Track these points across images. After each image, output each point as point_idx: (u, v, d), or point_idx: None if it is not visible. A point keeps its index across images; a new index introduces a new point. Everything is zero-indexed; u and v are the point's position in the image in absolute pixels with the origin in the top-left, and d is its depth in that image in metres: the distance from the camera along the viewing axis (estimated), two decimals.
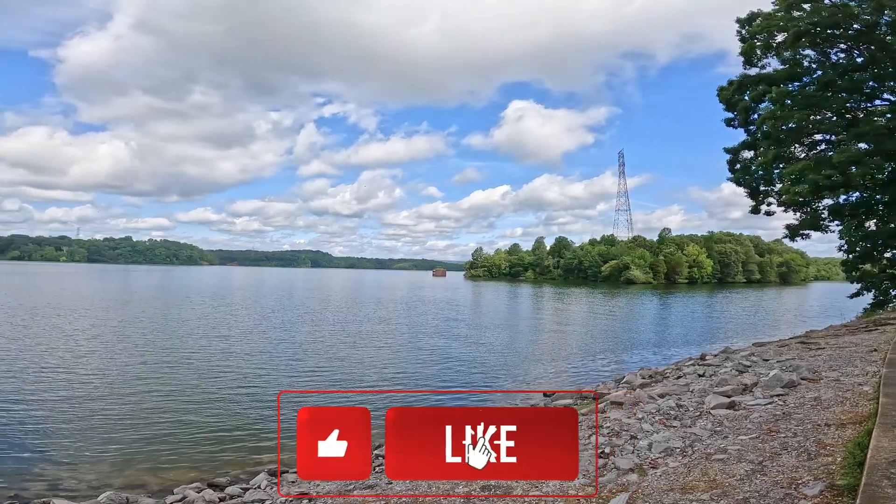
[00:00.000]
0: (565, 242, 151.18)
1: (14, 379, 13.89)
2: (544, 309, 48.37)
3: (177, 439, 9.77)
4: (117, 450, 9.06)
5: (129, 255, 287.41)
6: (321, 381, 15.20)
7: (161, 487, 7.82)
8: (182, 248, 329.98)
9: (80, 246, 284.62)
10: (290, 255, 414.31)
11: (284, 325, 27.88)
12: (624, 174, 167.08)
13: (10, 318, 27.11)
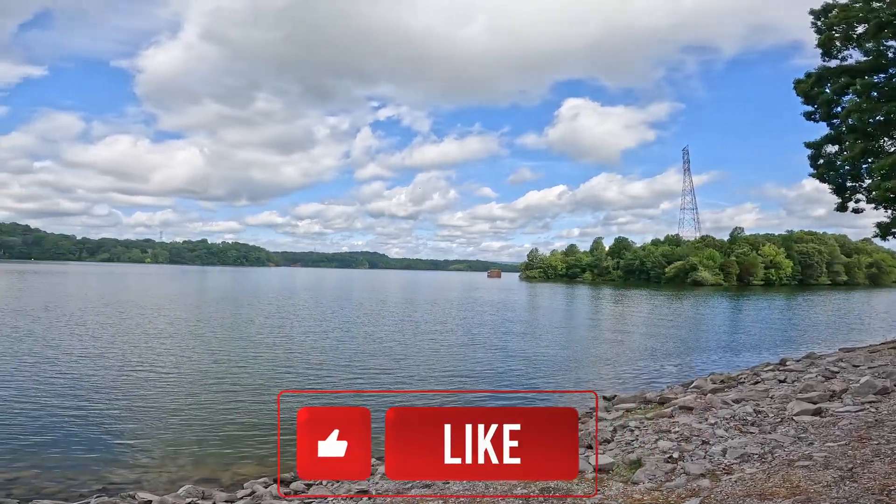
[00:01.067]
0: (625, 243, 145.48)
1: (101, 375, 14.67)
2: (603, 311, 46.83)
3: (246, 434, 10.07)
4: (192, 444, 9.41)
5: (205, 257, 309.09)
6: (380, 382, 15.48)
7: (232, 482, 8.07)
8: (251, 250, 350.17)
9: (162, 248, 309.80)
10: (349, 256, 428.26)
11: (345, 325, 28.62)
12: (689, 171, 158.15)
13: (101, 316, 29.89)
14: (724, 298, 66.29)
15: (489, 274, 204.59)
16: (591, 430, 9.02)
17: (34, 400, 11.55)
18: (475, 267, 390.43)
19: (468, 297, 59.18)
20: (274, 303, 42.75)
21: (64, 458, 8.31)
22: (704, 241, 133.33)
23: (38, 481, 7.53)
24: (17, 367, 14.43)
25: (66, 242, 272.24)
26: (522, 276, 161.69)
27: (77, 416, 10.34)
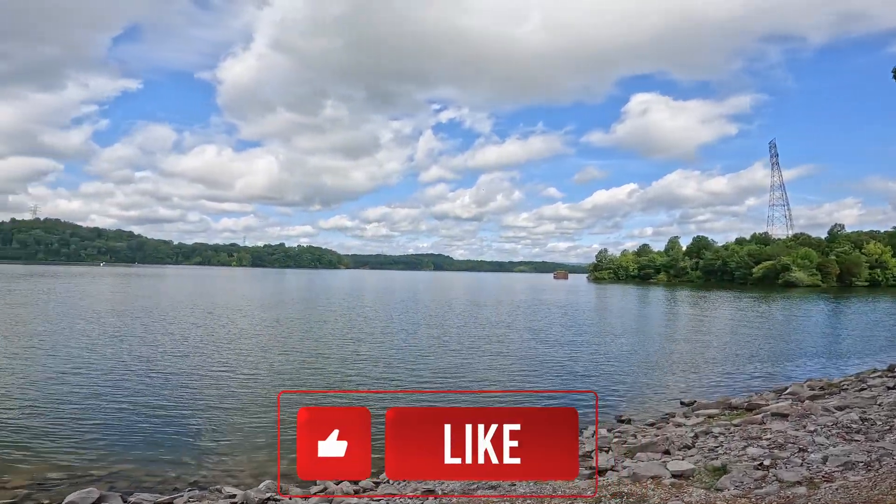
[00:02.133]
0: (705, 242, 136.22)
1: (192, 373, 15.41)
2: (680, 313, 44.11)
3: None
4: (269, 440, 9.74)
5: (283, 260, 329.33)
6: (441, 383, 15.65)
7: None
8: (324, 254, 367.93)
9: (246, 252, 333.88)
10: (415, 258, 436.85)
11: (411, 328, 29.12)
12: (778, 166, 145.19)
13: (192, 317, 32.69)
14: (821, 300, 60.04)
15: (555, 275, 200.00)
16: (668, 436, 8.58)
17: (134, 398, 12.52)
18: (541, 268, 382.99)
19: (534, 299, 58.24)
20: (345, 304, 44.65)
21: (160, 453, 8.84)
22: (798, 240, 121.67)
23: (137, 475, 8.02)
24: (119, 366, 15.88)
25: (165, 247, 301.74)
26: (591, 277, 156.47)
27: (170, 413, 11.02)
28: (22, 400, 11.23)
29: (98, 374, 14.23)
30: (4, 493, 7.06)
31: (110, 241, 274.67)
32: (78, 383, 13.04)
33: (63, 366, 14.91)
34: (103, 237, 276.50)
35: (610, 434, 10.26)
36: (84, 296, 45.02)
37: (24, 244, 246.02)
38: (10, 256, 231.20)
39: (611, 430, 10.60)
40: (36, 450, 8.41)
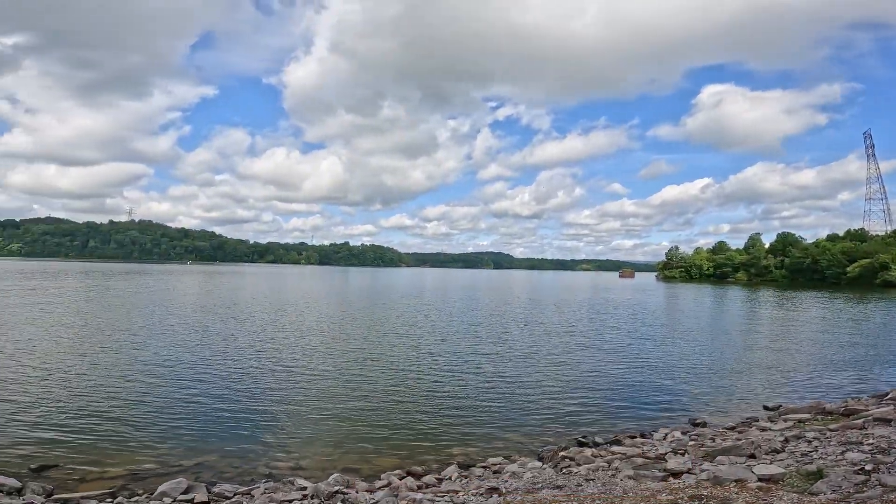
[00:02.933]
0: (791, 238, 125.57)
1: (266, 368, 16.13)
2: (763, 314, 41.01)
3: (383, 427, 10.80)
4: (337, 435, 10.15)
5: (347, 258, 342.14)
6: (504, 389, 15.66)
7: (371, 472, 8.52)
8: (385, 252, 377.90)
9: (313, 250, 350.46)
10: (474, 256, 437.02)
11: (470, 326, 29.32)
12: (874, 157, 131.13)
13: (266, 313, 34.81)
14: None
15: (621, 274, 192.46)
16: (752, 440, 8.21)
17: (214, 391, 13.03)
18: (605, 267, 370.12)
19: (599, 298, 56.54)
20: (406, 302, 45.69)
21: (238, 445, 9.29)
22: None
23: (219, 466, 8.44)
24: (202, 361, 17.14)
25: (242, 246, 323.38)
26: (660, 275, 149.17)
27: (246, 407, 11.61)
28: (119, 393, 12.35)
29: (184, 368, 15.53)
30: (104, 482, 7.54)
31: (195, 241, 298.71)
32: (166, 377, 14.21)
33: (153, 360, 16.38)
34: (189, 237, 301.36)
35: (685, 437, 10.02)
36: (174, 293, 49.39)
37: (121, 244, 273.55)
38: (109, 256, 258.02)
39: (685, 434, 10.36)
40: (130, 441, 9.20)
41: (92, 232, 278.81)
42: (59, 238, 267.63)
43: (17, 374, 13.41)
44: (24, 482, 7.29)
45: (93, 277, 70.16)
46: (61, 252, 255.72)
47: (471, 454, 9.60)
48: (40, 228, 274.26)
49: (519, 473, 8.02)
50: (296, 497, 6.94)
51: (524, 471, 8.18)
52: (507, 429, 11.08)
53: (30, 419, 9.83)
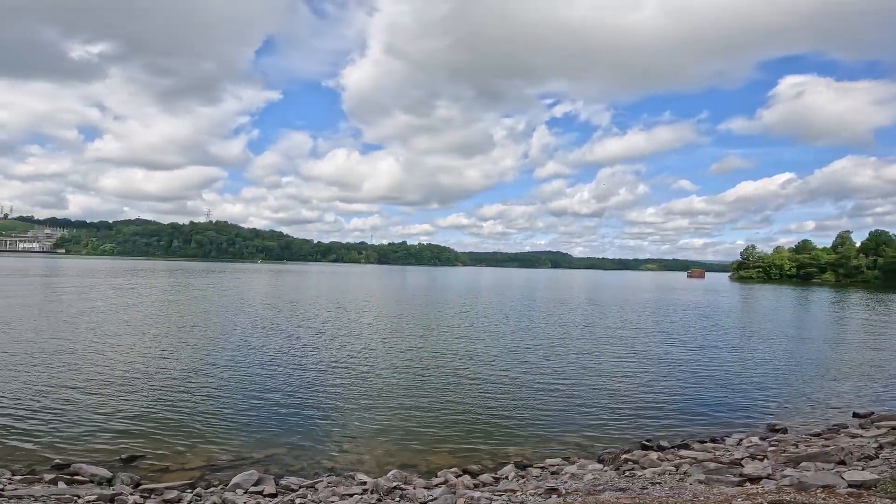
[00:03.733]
0: (885, 237, 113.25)
1: (329, 365, 16.78)
2: (853, 317, 37.01)
3: (439, 425, 10.88)
4: (394, 431, 10.31)
5: (405, 258, 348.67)
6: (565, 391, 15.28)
7: (427, 469, 8.61)
8: (442, 251, 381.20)
9: (373, 250, 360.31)
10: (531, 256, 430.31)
11: (528, 326, 28.95)
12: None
13: (329, 311, 36.10)
14: None
15: (690, 274, 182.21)
16: (842, 446, 7.59)
17: (281, 387, 13.68)
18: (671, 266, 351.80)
19: (665, 299, 53.82)
20: (463, 301, 45.82)
21: (303, 440, 9.62)
22: None
23: (286, 460, 8.74)
24: (269, 358, 18.00)
25: (307, 246, 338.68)
26: (734, 276, 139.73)
27: (311, 402, 12.05)
28: (197, 387, 13.18)
29: (253, 364, 16.49)
30: (185, 473, 7.99)
31: (265, 241, 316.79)
32: (238, 373, 15.08)
33: (227, 356, 17.51)
34: (260, 237, 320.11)
35: (763, 442, 9.55)
36: (247, 291, 52.62)
37: (200, 244, 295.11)
38: (190, 254, 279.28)
39: (763, 439, 9.87)
40: (207, 434, 9.64)
41: (175, 232, 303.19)
42: (147, 238, 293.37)
43: (106, 368, 14.79)
44: (115, 472, 7.78)
45: (175, 276, 76.36)
46: (149, 251, 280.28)
47: (527, 454, 9.53)
48: (130, 229, 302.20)
49: (578, 475, 7.86)
50: (356, 491, 7.11)
51: (584, 472, 8.02)
52: (565, 430, 10.89)
53: (119, 411, 10.67)
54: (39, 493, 6.05)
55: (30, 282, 50.87)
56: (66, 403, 10.89)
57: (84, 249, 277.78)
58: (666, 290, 77.81)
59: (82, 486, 6.83)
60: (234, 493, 7.05)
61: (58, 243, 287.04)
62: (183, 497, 6.70)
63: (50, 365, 14.14)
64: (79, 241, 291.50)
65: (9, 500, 5.58)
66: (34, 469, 7.71)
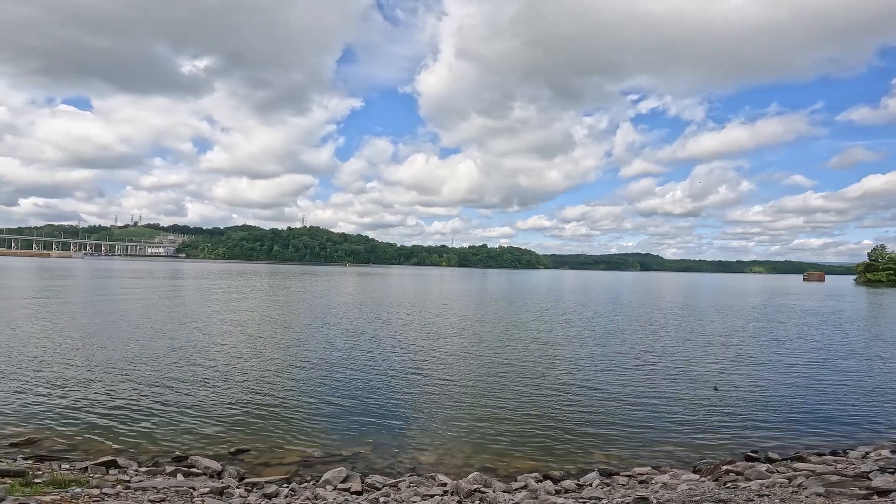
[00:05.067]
0: None
1: (410, 364, 17.15)
2: None
3: (520, 429, 10.64)
4: (475, 434, 10.27)
5: (486, 260, 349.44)
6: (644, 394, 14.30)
7: (507, 473, 8.50)
8: (523, 254, 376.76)
9: (453, 253, 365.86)
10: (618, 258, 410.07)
11: (615, 329, 27.58)
12: None
13: (408, 314, 36.94)
14: None
15: (806, 276, 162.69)
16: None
17: (365, 386, 14.22)
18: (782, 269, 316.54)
19: (777, 304, 48.18)
20: (543, 304, 44.69)
21: (386, 439, 9.80)
22: None
23: (371, 458, 8.90)
24: (355, 359, 18.97)
25: (390, 249, 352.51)
26: (860, 279, 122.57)
27: (395, 404, 12.18)
28: (294, 385, 14.02)
29: (342, 364, 17.34)
30: (282, 468, 8.34)
31: (352, 245, 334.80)
32: (329, 372, 15.87)
33: (319, 356, 18.55)
34: (348, 241, 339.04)
35: (895, 456, 8.56)
36: (335, 293, 55.74)
37: (296, 248, 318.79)
38: (287, 258, 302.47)
39: (895, 452, 8.88)
40: (302, 431, 10.05)
41: (275, 237, 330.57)
42: (252, 243, 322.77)
43: (215, 365, 16.27)
44: (224, 465, 8.22)
45: (275, 278, 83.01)
46: (253, 255, 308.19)
47: (613, 462, 9.11)
48: (238, 235, 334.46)
49: (671, 485, 7.33)
50: (437, 493, 7.12)
51: (677, 482, 7.47)
52: (655, 438, 10.27)
53: (227, 406, 11.51)
54: (161, 486, 6.61)
55: (154, 283, 58.12)
56: (183, 398, 11.97)
57: (200, 253, 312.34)
58: (778, 294, 69.98)
59: (197, 479, 7.39)
60: (325, 489, 7.30)
61: (179, 248, 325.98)
62: (280, 491, 7.04)
63: (167, 361, 15.80)
64: (196, 245, 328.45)
65: (135, 492, 6.16)
66: (157, 461, 8.40)
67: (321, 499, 6.80)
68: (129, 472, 7.57)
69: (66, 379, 12.93)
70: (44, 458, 8.17)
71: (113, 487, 6.39)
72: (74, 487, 6.12)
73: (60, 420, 10.02)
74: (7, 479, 6.25)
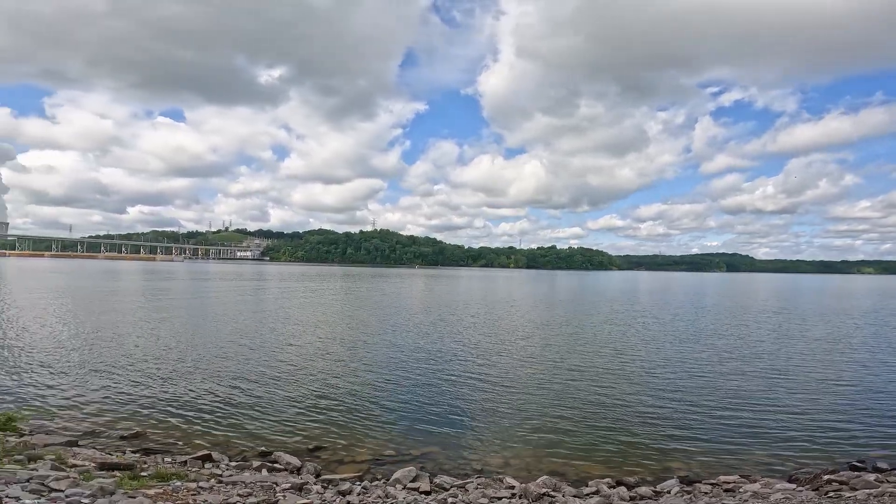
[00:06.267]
0: None
1: (474, 368, 17.07)
2: None
3: (591, 432, 10.34)
4: (544, 437, 10.10)
5: (555, 262, 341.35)
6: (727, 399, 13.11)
7: (577, 478, 8.28)
8: (594, 255, 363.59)
9: (521, 254, 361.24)
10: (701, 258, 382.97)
11: (696, 333, 25.78)
12: None
13: (475, 316, 36.86)
14: None
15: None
16: None
17: (438, 386, 14.93)
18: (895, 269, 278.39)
19: (893, 308, 42.52)
20: (615, 307, 42.74)
21: (453, 440, 9.87)
22: None
23: (439, 458, 9.05)
24: (427, 359, 19.16)
25: (458, 251, 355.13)
26: None
27: (463, 404, 12.40)
28: (366, 384, 14.41)
29: (412, 364, 17.71)
30: (355, 465, 8.60)
31: (421, 247, 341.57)
32: (401, 371, 16.35)
33: (390, 356, 19.14)
34: (416, 244, 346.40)
35: None
36: (406, 294, 57.05)
37: (367, 250, 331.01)
38: (360, 260, 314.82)
39: None
40: (375, 429, 10.29)
41: (348, 240, 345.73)
42: (328, 246, 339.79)
43: (294, 363, 17.28)
44: (303, 461, 8.48)
45: (349, 280, 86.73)
46: (328, 258, 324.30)
47: (695, 469, 8.60)
48: (315, 238, 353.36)
49: (763, 494, 6.85)
50: (505, 495, 7.06)
51: (770, 492, 6.95)
52: (743, 446, 9.60)
53: (307, 404, 12.02)
54: (248, 480, 7.05)
55: (243, 285, 62.96)
56: (267, 394, 12.68)
57: (282, 256, 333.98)
58: (893, 296, 61.74)
59: (279, 474, 7.81)
60: (395, 488, 7.45)
61: (264, 251, 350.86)
62: (353, 489, 7.28)
63: (253, 359, 16.92)
64: (278, 249, 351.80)
65: (226, 486, 6.63)
66: (245, 456, 8.86)
67: (391, 497, 6.94)
68: (222, 467, 8.10)
69: (167, 375, 14.23)
70: (149, 451, 8.83)
71: (207, 481, 6.81)
72: (175, 481, 6.56)
73: (163, 415, 10.89)
74: (117, 473, 6.78)
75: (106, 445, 8.95)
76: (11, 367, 14.25)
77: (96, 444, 8.94)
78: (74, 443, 8.78)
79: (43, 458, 6.86)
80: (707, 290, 78.17)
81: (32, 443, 8.10)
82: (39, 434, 8.97)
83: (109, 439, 9.35)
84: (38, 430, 9.27)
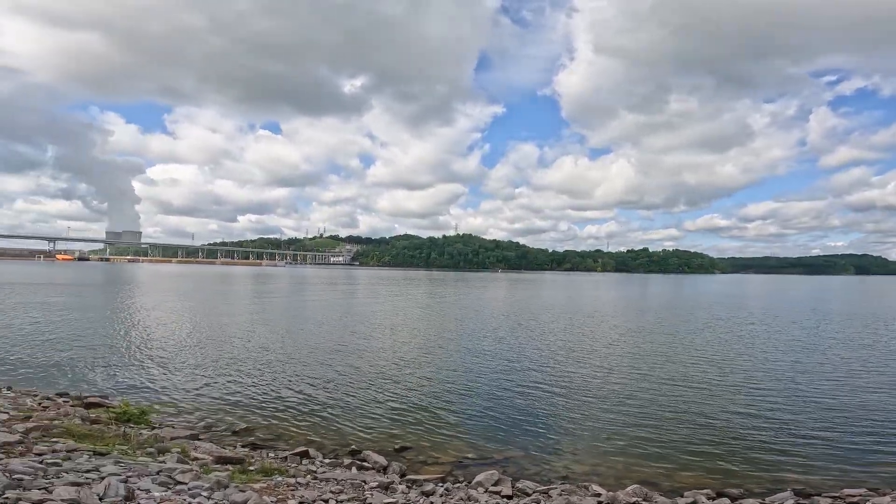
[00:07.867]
0: None
1: (559, 373, 16.98)
2: None
3: (690, 440, 9.88)
4: (635, 445, 9.80)
5: (647, 265, 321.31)
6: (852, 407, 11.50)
7: (671, 488, 7.94)
8: (692, 257, 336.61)
9: (609, 257, 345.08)
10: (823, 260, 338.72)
11: (820, 340, 22.98)
12: None
13: (559, 321, 35.91)
14: None
15: None
16: None
17: (522, 392, 14.32)
18: None
19: None
20: (722, 312, 39.29)
21: (535, 445, 9.82)
22: None
23: (522, 463, 8.91)
24: (511, 364, 19.18)
25: (542, 255, 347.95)
26: None
27: (548, 410, 12.30)
28: (450, 387, 14.97)
29: (497, 368, 17.92)
30: (438, 467, 8.71)
31: (504, 251, 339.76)
32: (483, 375, 16.60)
33: (476, 361, 19.38)
34: (499, 248, 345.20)
35: None
36: (490, 299, 57.10)
37: (450, 255, 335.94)
38: (443, 265, 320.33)
39: None
40: (459, 432, 10.47)
41: (432, 245, 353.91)
42: (413, 251, 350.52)
43: (383, 363, 18.15)
44: (389, 461, 8.68)
45: (434, 284, 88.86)
46: (413, 262, 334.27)
47: (812, 482, 7.92)
48: (400, 243, 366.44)
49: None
50: (591, 503, 6.93)
51: None
52: (870, 458, 8.73)
53: (395, 405, 12.57)
54: (340, 477, 7.45)
55: (338, 289, 67.17)
56: (359, 394, 13.44)
57: (370, 261, 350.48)
58: None
59: (367, 473, 8.19)
60: (476, 491, 7.52)
61: (354, 256, 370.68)
62: (436, 490, 7.35)
63: (346, 361, 18.02)
64: (367, 254, 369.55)
65: (320, 483, 7.09)
66: (337, 453, 9.21)
67: (473, 500, 6.99)
68: (317, 463, 8.66)
69: (270, 374, 15.55)
70: (256, 445, 9.30)
71: (304, 477, 7.10)
72: (277, 476, 6.88)
73: (267, 411, 11.75)
74: (230, 466, 7.24)
75: (220, 439, 9.57)
76: (140, 362, 16.52)
77: (212, 438, 9.56)
78: (196, 436, 9.39)
79: (170, 451, 7.42)
80: (830, 294, 68.94)
81: (161, 436, 8.71)
82: (167, 427, 9.74)
83: (224, 433, 10.02)
84: (165, 424, 10.05)
